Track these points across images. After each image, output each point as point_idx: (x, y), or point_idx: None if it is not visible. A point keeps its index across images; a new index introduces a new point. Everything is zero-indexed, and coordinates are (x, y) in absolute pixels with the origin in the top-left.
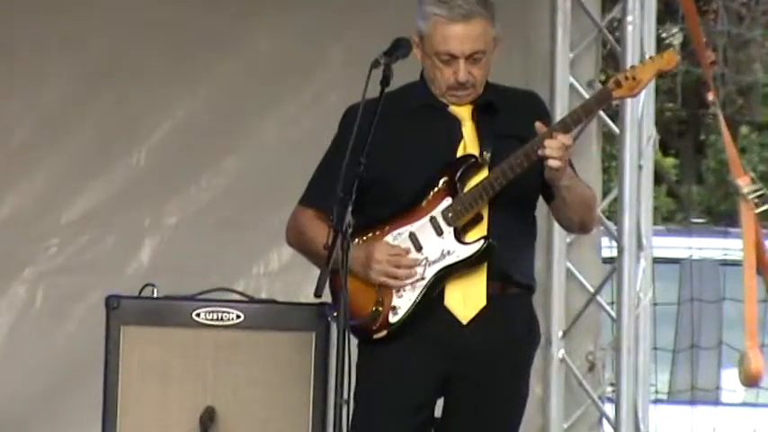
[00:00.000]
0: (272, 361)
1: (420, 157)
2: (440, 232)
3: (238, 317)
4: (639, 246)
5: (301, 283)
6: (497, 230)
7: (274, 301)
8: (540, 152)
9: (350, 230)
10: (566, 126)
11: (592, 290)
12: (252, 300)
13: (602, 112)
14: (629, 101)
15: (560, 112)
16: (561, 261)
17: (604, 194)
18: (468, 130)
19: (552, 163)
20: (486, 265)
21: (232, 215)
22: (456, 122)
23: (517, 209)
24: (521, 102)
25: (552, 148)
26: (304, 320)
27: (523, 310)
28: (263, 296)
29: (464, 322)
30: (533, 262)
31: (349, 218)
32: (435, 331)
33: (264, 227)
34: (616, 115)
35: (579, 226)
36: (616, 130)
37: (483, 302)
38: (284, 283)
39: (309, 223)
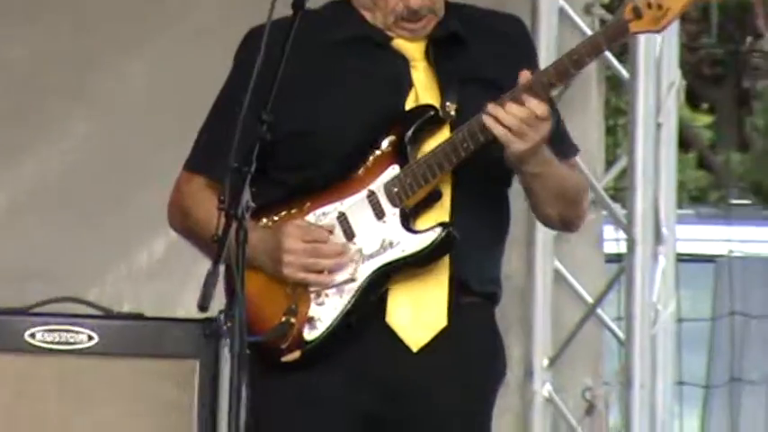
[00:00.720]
0: (140, 399)
1: (354, 110)
2: (380, 214)
3: (90, 338)
4: (658, 238)
5: (180, 290)
6: (462, 216)
7: (141, 316)
8: (484, 122)
9: (247, 215)
10: (537, 86)
11: (590, 300)
12: (110, 314)
13: None
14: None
15: (545, 52)
16: (547, 259)
17: (608, 164)
18: (421, 73)
19: (505, 139)
20: (446, 264)
21: (81, 196)
22: (403, 63)
23: (488, 187)
24: (497, 31)
25: (506, 119)
26: (184, 342)
27: (483, 326)
28: (126, 309)
29: (413, 349)
30: (500, 261)
31: (247, 197)
32: (370, 358)
33: (127, 211)
34: (624, 54)
35: (560, 223)
36: (625, 74)
37: (443, 322)
38: (156, 290)
39: (198, 197)
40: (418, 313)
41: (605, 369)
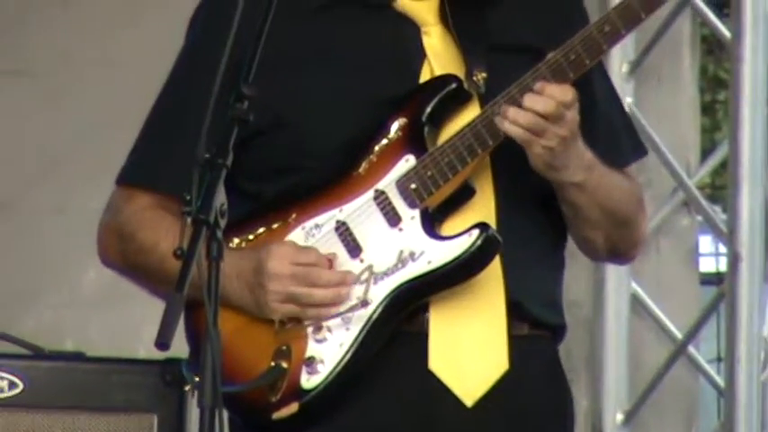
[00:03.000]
0: None
1: (348, 91)
2: (395, 219)
3: (14, 385)
4: None
5: (134, 322)
6: (509, 218)
7: (81, 357)
8: (498, 121)
9: (223, 220)
10: (558, 68)
11: (679, 335)
12: (39, 353)
13: (699, 0)
14: None
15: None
16: (622, 280)
17: (704, 155)
18: (436, 39)
19: (521, 139)
20: (500, 282)
21: (12, 200)
22: (411, 28)
23: (539, 179)
24: None
25: (533, 111)
26: (138, 392)
27: (548, 370)
28: (66, 347)
29: (468, 403)
30: (562, 282)
31: (222, 199)
32: (403, 417)
33: (67, 220)
34: (726, 6)
35: (607, 251)
36: (726, 33)
37: (503, 365)
38: (102, 322)
39: (143, 218)
40: (471, 354)
41: (703, 425)
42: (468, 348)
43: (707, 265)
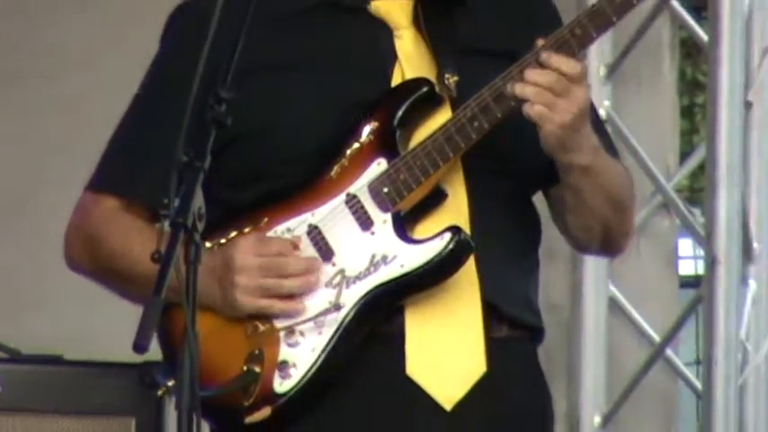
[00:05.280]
0: None
1: (321, 96)
2: (367, 223)
3: None
4: (747, 254)
5: (113, 323)
6: (482, 220)
7: (59, 360)
8: (510, 88)
9: (201, 224)
10: (564, 42)
11: (657, 338)
12: (16, 356)
13: (676, 3)
14: None
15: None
16: (600, 283)
17: (683, 157)
18: (408, 43)
19: (535, 112)
20: (475, 285)
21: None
22: (384, 32)
23: (512, 181)
24: None
25: (537, 83)
26: (115, 395)
27: (526, 371)
28: (39, 350)
29: (447, 407)
30: (537, 284)
31: (199, 202)
32: (380, 423)
33: (43, 220)
34: (704, 10)
35: (602, 240)
36: (704, 36)
37: (481, 367)
38: (78, 324)
39: (111, 222)
40: (449, 357)
41: (679, 430)
42: (446, 351)
43: (686, 268)
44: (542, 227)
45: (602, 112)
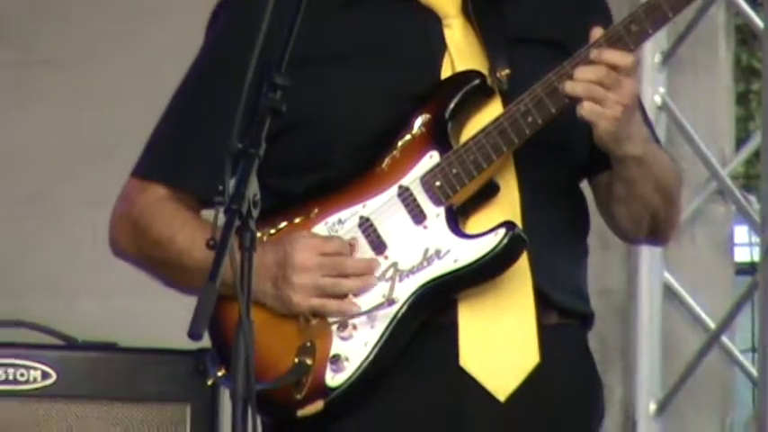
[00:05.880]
0: None
1: (371, 87)
2: (419, 216)
3: (47, 376)
4: None
5: (166, 312)
6: (534, 214)
7: (114, 347)
8: (562, 87)
9: (256, 211)
10: (619, 37)
11: (713, 325)
12: (72, 343)
13: None
14: None
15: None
16: (654, 269)
17: (739, 144)
18: (457, 32)
19: (588, 112)
20: (527, 276)
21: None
22: (432, 21)
23: (562, 174)
24: None
25: (587, 80)
26: (170, 382)
27: (577, 359)
28: (95, 337)
29: (501, 398)
30: (586, 273)
31: (255, 189)
32: (433, 413)
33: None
34: None
35: (648, 230)
36: (759, 23)
37: (535, 357)
38: (133, 311)
39: (157, 210)
40: (502, 348)
41: (737, 415)
42: (499, 342)
43: (742, 255)
44: (598, 217)
45: (657, 99)
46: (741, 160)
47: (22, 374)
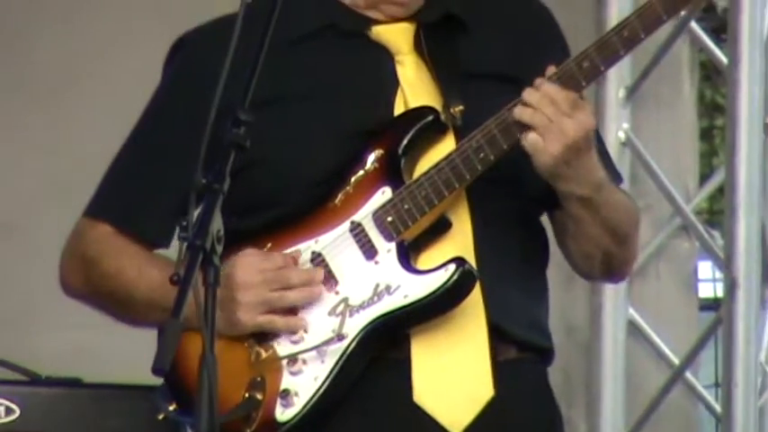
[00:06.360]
0: None
1: (323, 124)
2: (371, 252)
3: (10, 411)
4: (766, 277)
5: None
6: (487, 248)
7: (78, 383)
8: (512, 114)
9: (220, 246)
10: (571, 75)
11: (677, 361)
12: (36, 379)
13: (696, 26)
14: (745, 2)
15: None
16: (619, 305)
17: (702, 179)
18: (410, 69)
19: (529, 143)
20: (480, 310)
21: (8, 222)
22: (385, 57)
23: (517, 209)
24: (513, 16)
25: (532, 104)
26: (135, 418)
27: (534, 392)
28: (59, 372)
29: None
30: (545, 307)
31: (219, 223)
32: None
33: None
34: (723, 31)
35: (602, 268)
36: (723, 59)
37: (488, 391)
38: (96, 347)
39: (105, 245)
40: (456, 382)
41: None
42: (452, 377)
43: (706, 291)
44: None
45: (621, 135)
46: (705, 196)
47: None
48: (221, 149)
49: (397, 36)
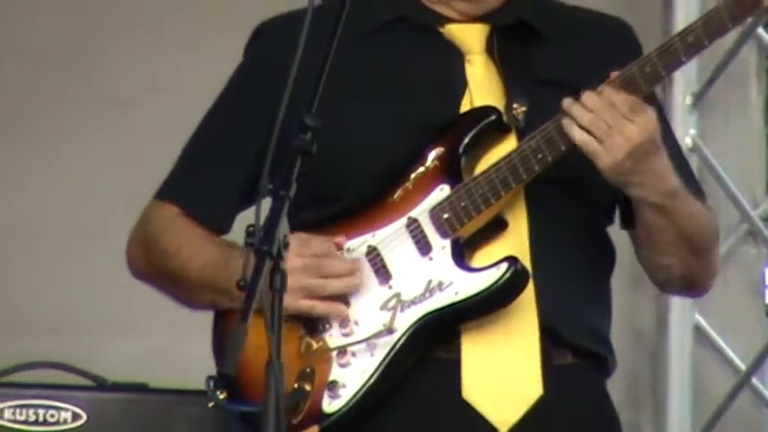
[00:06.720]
0: None
1: (388, 120)
2: (425, 248)
3: (77, 417)
4: None
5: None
6: (544, 250)
7: (144, 388)
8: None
9: (285, 253)
10: (632, 79)
11: (743, 367)
12: (102, 385)
13: (763, 32)
14: None
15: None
16: (685, 311)
17: None
18: (479, 69)
19: (586, 146)
20: (533, 310)
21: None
22: (455, 56)
23: (576, 212)
24: (592, 30)
25: (580, 116)
26: (201, 423)
27: (588, 395)
28: (126, 378)
29: (502, 430)
30: (606, 315)
31: (285, 229)
32: None
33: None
34: None
35: (681, 279)
36: None
37: (537, 390)
38: (163, 352)
39: (167, 224)
40: (505, 380)
41: None
42: (502, 374)
43: None
44: (629, 256)
45: (688, 141)
46: None
47: (52, 415)
48: (288, 154)
49: (469, 36)
